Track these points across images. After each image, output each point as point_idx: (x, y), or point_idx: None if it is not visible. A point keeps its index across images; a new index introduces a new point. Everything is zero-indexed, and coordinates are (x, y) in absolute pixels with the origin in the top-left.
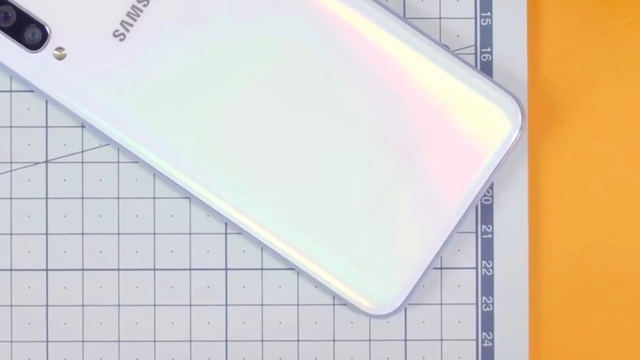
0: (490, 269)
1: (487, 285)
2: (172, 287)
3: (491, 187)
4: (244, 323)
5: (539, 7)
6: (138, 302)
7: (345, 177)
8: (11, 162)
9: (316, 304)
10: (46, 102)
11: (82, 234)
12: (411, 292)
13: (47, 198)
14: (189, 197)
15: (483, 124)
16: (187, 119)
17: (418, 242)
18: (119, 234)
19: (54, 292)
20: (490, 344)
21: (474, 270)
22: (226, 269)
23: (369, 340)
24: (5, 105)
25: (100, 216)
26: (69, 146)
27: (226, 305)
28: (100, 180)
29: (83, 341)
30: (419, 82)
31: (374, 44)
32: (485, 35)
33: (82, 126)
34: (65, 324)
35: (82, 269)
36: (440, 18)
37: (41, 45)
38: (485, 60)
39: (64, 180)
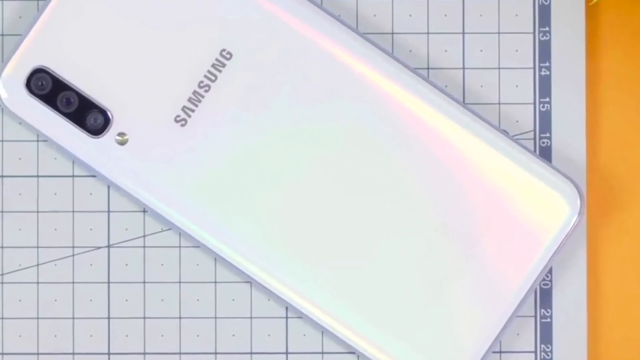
0: (549, 353)
1: None
2: None
3: (550, 271)
4: None
5: (597, 92)
6: None
7: (405, 261)
8: (73, 247)
9: None
10: (108, 187)
11: (144, 317)
12: None
13: (109, 282)
14: (249, 281)
15: (542, 208)
16: (248, 203)
17: (477, 326)
18: (180, 318)
19: None
20: None
21: (533, 354)
22: (287, 353)
23: None
24: (67, 190)
25: (162, 300)
26: (131, 231)
27: None
28: (162, 264)
29: None
30: (478, 167)
31: (434, 130)
32: (544, 121)
33: (144, 211)
34: None
35: (144, 353)
36: (499, 103)
37: (103, 131)
38: (544, 145)
39: (126, 265)
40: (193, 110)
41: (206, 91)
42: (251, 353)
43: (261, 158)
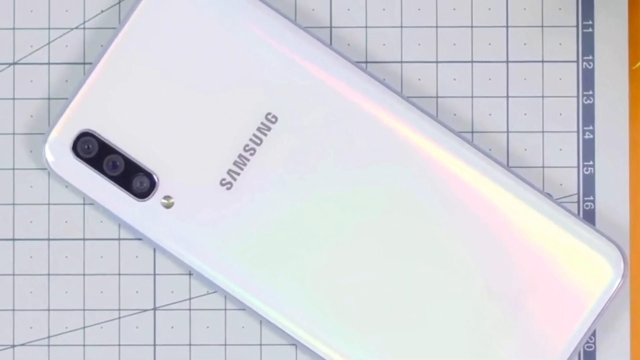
0: None
1: None
2: None
3: (593, 334)
4: None
5: None
6: None
7: (450, 325)
8: (119, 310)
9: None
10: (154, 250)
11: None
12: None
13: (155, 345)
14: (295, 343)
15: (585, 271)
16: (293, 266)
17: None
18: None
19: None
20: None
21: None
22: None
23: None
24: (113, 253)
25: None
26: (177, 293)
27: None
28: (208, 327)
29: None
30: (522, 230)
31: (478, 193)
32: (588, 184)
33: (190, 274)
34: None
35: None
36: (543, 167)
37: (149, 194)
38: (587, 208)
39: (172, 327)
40: (238, 174)
41: (252, 155)
42: None
43: (306, 221)
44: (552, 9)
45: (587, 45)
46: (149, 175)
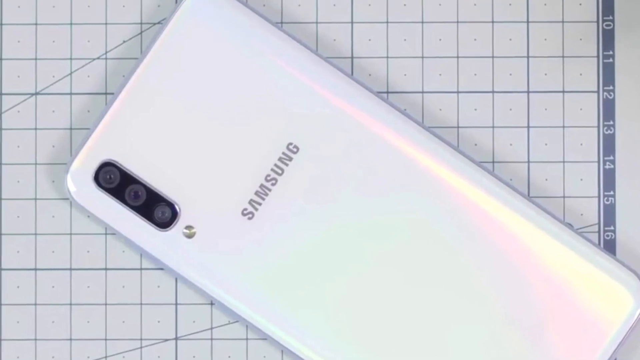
0: None
1: None
2: None
3: None
4: None
5: None
6: None
7: (470, 353)
8: (141, 339)
9: None
10: (176, 279)
11: None
12: None
13: None
14: None
15: (606, 301)
16: (315, 296)
17: None
18: None
19: None
20: None
21: None
22: None
23: None
24: (135, 282)
25: None
26: (198, 323)
27: None
28: (229, 357)
29: None
30: (543, 259)
31: (499, 223)
32: (609, 214)
33: (211, 303)
34: None
35: None
36: (564, 197)
37: (171, 224)
38: (608, 238)
39: (194, 357)
40: (260, 204)
41: (273, 184)
42: None
43: (328, 251)
44: (572, 39)
45: (608, 75)
46: (170, 205)
